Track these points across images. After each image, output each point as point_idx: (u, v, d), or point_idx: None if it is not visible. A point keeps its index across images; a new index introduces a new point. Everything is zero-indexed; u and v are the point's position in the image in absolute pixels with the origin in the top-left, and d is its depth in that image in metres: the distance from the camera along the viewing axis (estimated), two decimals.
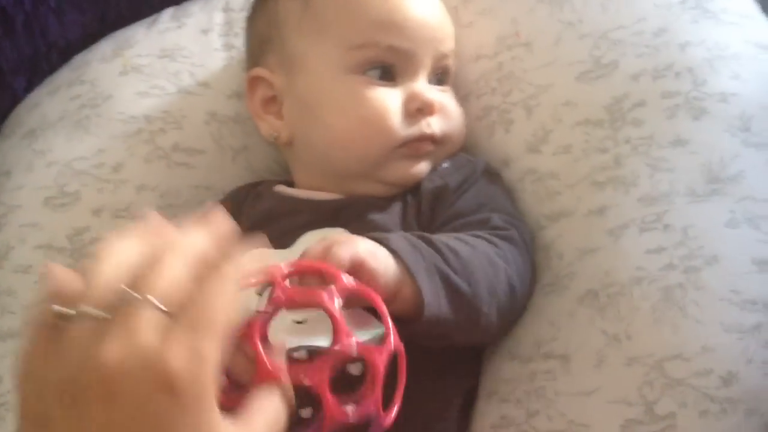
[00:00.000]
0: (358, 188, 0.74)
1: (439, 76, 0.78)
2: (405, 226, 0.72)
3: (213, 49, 0.88)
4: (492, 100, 0.79)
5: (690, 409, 0.58)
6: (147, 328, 0.41)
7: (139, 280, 0.43)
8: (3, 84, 0.93)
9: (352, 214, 0.73)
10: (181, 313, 0.42)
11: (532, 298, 0.70)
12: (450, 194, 0.73)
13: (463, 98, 0.81)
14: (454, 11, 0.82)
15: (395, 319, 0.56)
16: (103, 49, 0.90)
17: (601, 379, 0.61)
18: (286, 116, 0.77)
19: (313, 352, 0.54)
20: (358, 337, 0.53)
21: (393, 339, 0.54)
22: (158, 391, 0.40)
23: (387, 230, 0.70)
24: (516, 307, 0.68)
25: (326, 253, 0.57)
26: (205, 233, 0.46)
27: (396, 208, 0.73)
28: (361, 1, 0.75)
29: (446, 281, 0.62)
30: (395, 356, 0.55)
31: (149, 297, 0.42)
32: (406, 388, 0.62)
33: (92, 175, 0.81)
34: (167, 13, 0.92)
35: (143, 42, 0.89)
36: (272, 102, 0.78)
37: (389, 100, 0.73)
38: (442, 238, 0.65)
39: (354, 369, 0.57)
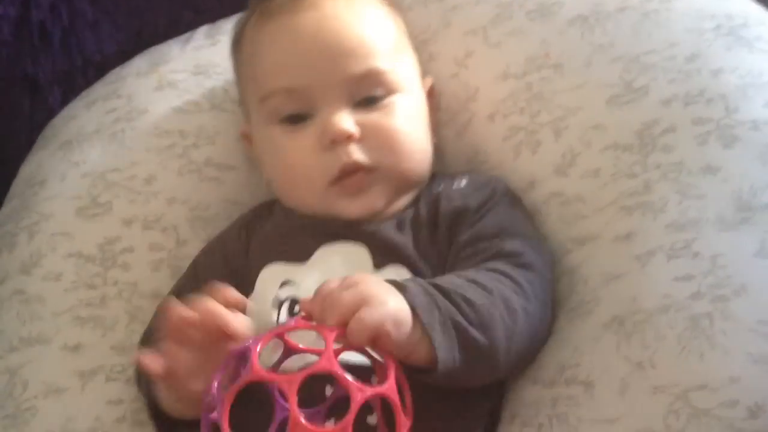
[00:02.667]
0: None
1: (369, 98, 0.75)
2: (416, 244, 0.72)
3: None
4: (519, 120, 0.79)
5: None
6: None
7: None
8: (39, 96, 0.96)
9: (365, 229, 0.73)
10: None
11: (556, 323, 0.69)
12: (470, 215, 0.72)
13: (488, 117, 0.81)
14: (482, 31, 0.83)
15: (410, 370, 0.59)
16: (138, 64, 0.92)
17: (625, 407, 0.61)
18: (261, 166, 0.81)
19: None
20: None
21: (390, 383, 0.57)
22: None
23: (400, 248, 0.71)
24: (537, 343, 0.68)
25: (353, 315, 0.58)
26: None
27: (408, 226, 0.73)
28: (256, 54, 0.77)
29: (462, 335, 0.61)
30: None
31: None
32: (432, 406, 0.63)
33: (125, 186, 0.83)
34: (201, 31, 0.94)
35: (178, 58, 0.91)
36: None
37: (300, 146, 0.74)
38: (458, 286, 0.63)
39: (372, 419, 0.61)
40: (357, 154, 0.73)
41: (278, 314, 0.71)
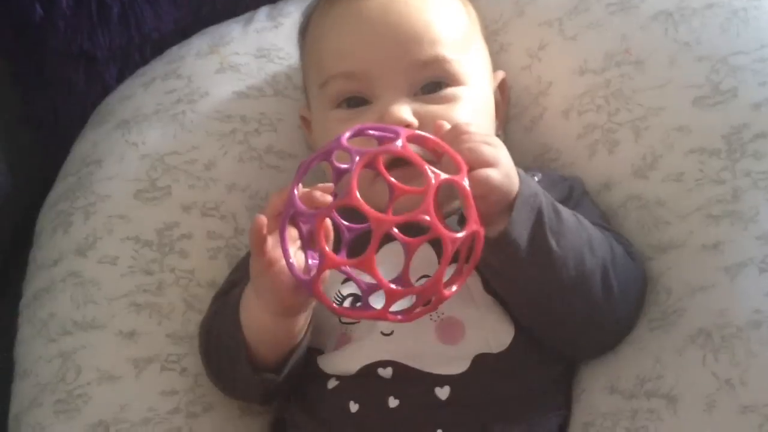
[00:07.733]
0: None
1: (430, 86, 0.73)
2: None
3: None
4: (596, 118, 0.76)
5: None
6: None
7: None
8: (95, 72, 0.94)
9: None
10: None
11: (636, 330, 0.67)
12: None
13: (562, 113, 0.79)
14: (557, 23, 0.80)
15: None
16: (198, 44, 0.90)
17: (712, 426, 0.59)
18: None
19: None
20: None
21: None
22: None
23: None
24: (608, 311, 0.65)
25: (480, 166, 0.60)
26: None
27: None
28: (318, 40, 0.76)
29: (538, 231, 0.62)
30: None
31: None
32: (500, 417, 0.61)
33: (184, 170, 0.81)
34: (263, 12, 0.92)
35: (239, 40, 0.89)
36: None
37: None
38: (558, 204, 0.65)
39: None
40: (412, 146, 0.71)
41: None
